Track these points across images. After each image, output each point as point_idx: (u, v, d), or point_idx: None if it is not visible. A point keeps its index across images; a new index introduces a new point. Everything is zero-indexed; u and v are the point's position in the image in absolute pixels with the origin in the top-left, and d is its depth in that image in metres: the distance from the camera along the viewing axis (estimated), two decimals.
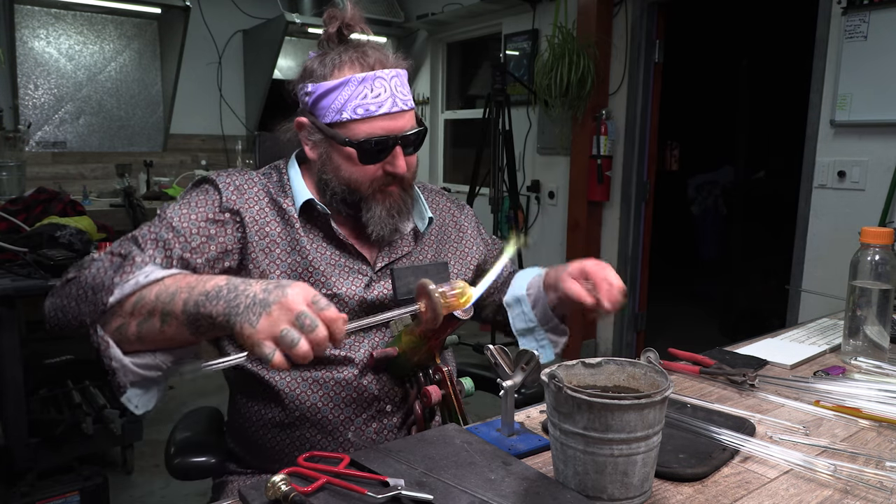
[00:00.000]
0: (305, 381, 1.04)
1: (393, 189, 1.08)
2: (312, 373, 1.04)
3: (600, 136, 3.60)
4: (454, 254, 1.24)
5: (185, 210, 1.03)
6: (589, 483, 0.70)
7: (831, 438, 0.91)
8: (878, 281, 1.18)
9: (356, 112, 1.01)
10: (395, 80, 1.04)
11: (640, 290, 3.84)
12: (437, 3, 4.56)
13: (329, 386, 1.04)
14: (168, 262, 0.97)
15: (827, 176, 2.75)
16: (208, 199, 1.05)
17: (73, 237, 2.28)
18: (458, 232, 1.26)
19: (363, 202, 1.07)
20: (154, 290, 0.85)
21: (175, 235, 0.99)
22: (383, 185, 1.07)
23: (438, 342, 0.98)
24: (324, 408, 1.04)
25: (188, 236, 1.00)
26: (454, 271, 1.22)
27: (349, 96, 1.02)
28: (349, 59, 1.03)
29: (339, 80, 1.02)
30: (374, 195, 1.07)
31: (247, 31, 4.73)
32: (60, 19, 4.11)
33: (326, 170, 1.08)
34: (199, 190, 1.07)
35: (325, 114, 1.04)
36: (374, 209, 1.07)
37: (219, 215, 1.03)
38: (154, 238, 0.98)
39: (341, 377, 1.04)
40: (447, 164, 5.16)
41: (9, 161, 3.51)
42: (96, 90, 4.29)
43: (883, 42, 2.50)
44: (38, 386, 2.50)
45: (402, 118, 1.04)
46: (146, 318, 0.85)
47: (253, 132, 4.79)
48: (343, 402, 1.04)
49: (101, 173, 4.32)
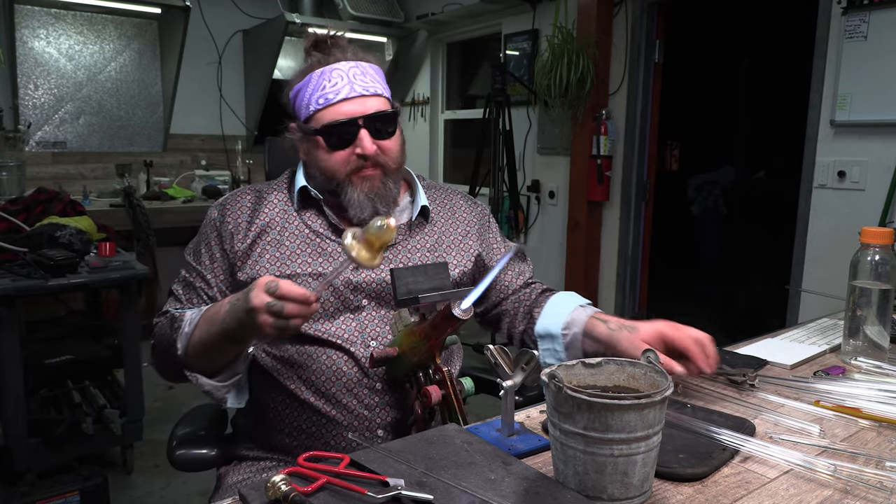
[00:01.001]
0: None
1: (371, 174, 1.13)
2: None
3: (600, 136, 3.60)
4: (454, 249, 1.23)
5: (197, 246, 1.19)
6: (589, 483, 0.70)
7: (831, 438, 0.91)
8: (878, 281, 1.18)
9: (318, 103, 1.11)
10: (354, 70, 1.12)
11: (640, 290, 3.84)
12: (437, 3, 4.56)
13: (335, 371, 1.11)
14: (206, 300, 1.15)
15: (827, 176, 2.75)
16: (208, 227, 1.18)
17: (73, 237, 2.28)
18: (464, 228, 1.27)
19: (340, 187, 1.13)
20: (197, 332, 1.05)
21: (199, 278, 1.16)
22: (357, 169, 1.12)
23: (438, 342, 0.98)
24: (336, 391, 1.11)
25: (207, 276, 1.16)
26: (453, 264, 1.22)
27: (312, 90, 1.11)
28: (315, 61, 1.14)
29: (304, 79, 1.12)
30: (349, 179, 1.13)
31: (247, 31, 4.73)
32: (60, 19, 4.11)
33: (310, 164, 1.17)
34: (203, 224, 1.20)
35: (299, 112, 1.15)
36: (352, 193, 1.13)
37: (216, 240, 1.16)
38: (191, 287, 1.17)
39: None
40: (447, 164, 5.16)
41: (9, 161, 3.51)
42: (96, 90, 4.29)
43: (883, 42, 2.50)
44: (38, 386, 2.50)
45: (362, 102, 1.11)
46: (206, 350, 1.05)
47: (253, 132, 4.79)
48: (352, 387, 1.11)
49: (101, 173, 4.32)
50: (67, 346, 2.83)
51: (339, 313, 1.12)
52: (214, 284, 1.15)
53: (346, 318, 1.12)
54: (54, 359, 2.61)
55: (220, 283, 1.16)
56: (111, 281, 2.27)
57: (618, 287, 3.79)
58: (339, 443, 1.09)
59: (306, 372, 1.09)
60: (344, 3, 4.46)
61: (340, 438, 1.09)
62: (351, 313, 1.12)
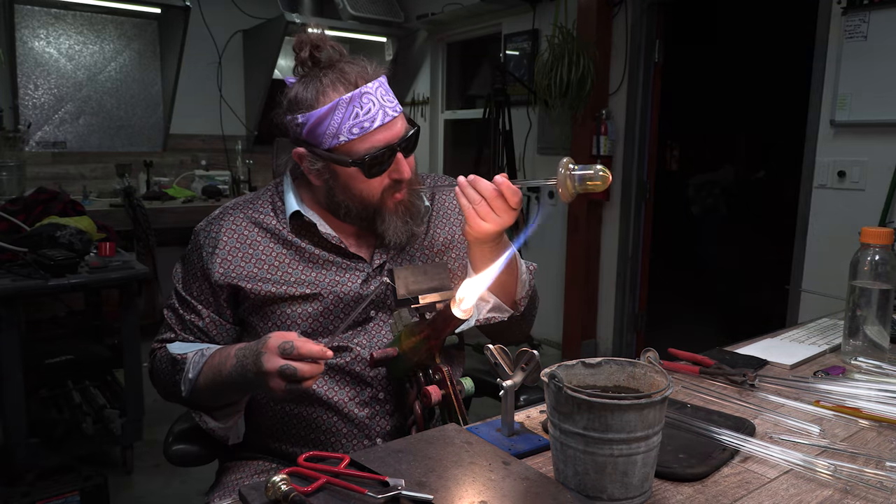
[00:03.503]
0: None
1: (401, 196, 1.10)
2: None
3: (600, 136, 3.60)
4: (453, 240, 1.23)
5: (185, 276, 1.15)
6: (589, 483, 0.70)
7: (831, 438, 0.91)
8: (878, 281, 1.18)
9: (352, 132, 1.04)
10: (380, 90, 1.06)
11: (640, 290, 3.84)
12: (437, 3, 4.56)
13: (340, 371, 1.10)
14: (199, 332, 1.13)
15: (827, 176, 2.75)
16: (194, 255, 1.14)
17: (73, 237, 2.28)
18: (457, 216, 1.26)
19: (377, 214, 1.10)
20: (202, 380, 1.04)
21: (189, 311, 1.13)
22: (392, 192, 1.10)
23: (438, 342, 0.98)
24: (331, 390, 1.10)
25: (198, 306, 1.13)
26: (452, 256, 1.22)
27: (342, 119, 1.03)
28: (330, 81, 1.05)
29: (327, 105, 1.03)
30: (386, 204, 1.10)
31: (247, 31, 4.72)
32: (60, 19, 4.11)
33: (336, 192, 1.10)
34: (189, 249, 1.16)
35: (322, 140, 1.06)
36: (390, 220, 1.10)
37: (201, 270, 1.12)
38: (177, 318, 1.14)
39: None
40: (447, 164, 5.16)
41: (9, 161, 3.51)
42: (96, 90, 4.29)
43: (883, 42, 2.50)
44: (38, 386, 2.50)
45: (395, 125, 1.07)
46: (213, 395, 1.06)
47: (253, 132, 4.79)
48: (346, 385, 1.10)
49: (101, 173, 4.32)
50: (67, 346, 2.83)
51: (348, 327, 1.11)
52: (206, 315, 1.12)
53: (356, 332, 1.12)
54: (54, 359, 2.61)
55: (213, 312, 1.12)
56: (111, 281, 2.28)
57: (618, 287, 3.79)
58: (336, 450, 1.09)
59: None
60: (344, 3, 4.46)
61: (339, 446, 1.09)
62: (359, 325, 1.12)
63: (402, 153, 1.08)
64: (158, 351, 1.14)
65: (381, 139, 1.05)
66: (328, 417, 1.09)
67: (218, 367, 1.01)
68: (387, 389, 1.10)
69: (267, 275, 1.09)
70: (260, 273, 1.09)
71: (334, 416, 1.09)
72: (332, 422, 1.09)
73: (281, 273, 1.10)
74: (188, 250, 1.15)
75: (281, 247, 1.12)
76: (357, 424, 1.09)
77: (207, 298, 1.12)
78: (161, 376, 1.13)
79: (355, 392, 1.09)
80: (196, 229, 1.16)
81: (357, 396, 1.09)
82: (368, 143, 1.04)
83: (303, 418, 1.10)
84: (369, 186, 1.08)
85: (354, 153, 1.05)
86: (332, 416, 1.09)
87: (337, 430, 1.09)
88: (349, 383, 1.10)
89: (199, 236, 1.14)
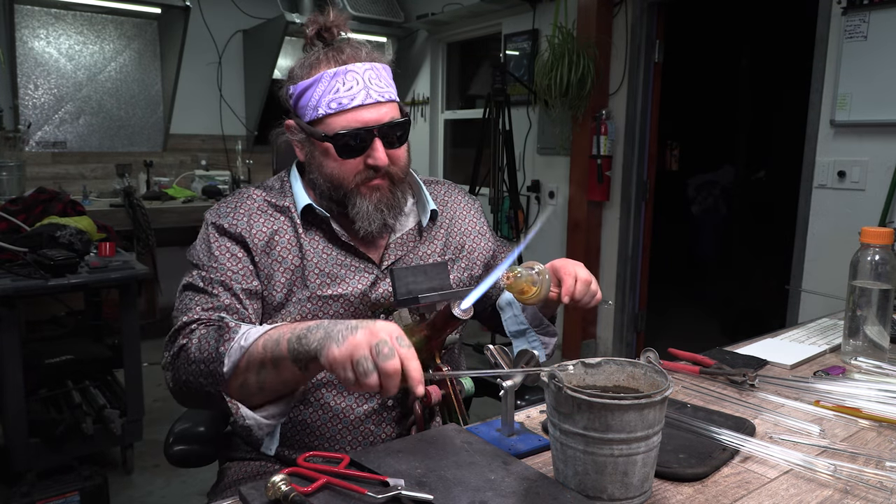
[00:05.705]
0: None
1: (379, 183, 1.08)
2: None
3: (600, 136, 3.60)
4: (463, 249, 1.22)
5: (208, 249, 1.07)
6: (589, 483, 0.70)
7: (831, 438, 0.91)
8: (878, 281, 1.18)
9: (330, 106, 1.03)
10: (369, 72, 1.05)
11: (639, 289, 3.84)
12: (437, 3, 4.56)
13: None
14: (237, 299, 1.03)
15: (827, 176, 2.75)
16: (211, 235, 1.08)
17: (73, 237, 2.28)
18: (468, 226, 1.25)
19: (347, 197, 1.08)
20: (260, 343, 0.88)
21: (224, 273, 1.04)
22: (366, 180, 1.07)
23: (438, 342, 0.98)
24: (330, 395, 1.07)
25: (234, 271, 1.05)
26: (462, 266, 1.21)
27: (323, 91, 1.03)
28: (324, 56, 1.06)
29: (312, 77, 1.04)
30: (357, 189, 1.07)
31: (247, 31, 4.72)
32: (60, 19, 4.11)
33: (312, 168, 1.10)
34: (204, 233, 1.10)
35: (304, 112, 1.06)
36: (360, 204, 1.07)
37: (228, 242, 1.07)
38: (212, 283, 1.03)
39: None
40: (447, 164, 5.16)
41: (9, 161, 3.51)
42: (96, 90, 4.29)
43: (883, 42, 2.50)
44: (38, 386, 2.50)
45: (377, 110, 1.05)
46: (259, 368, 0.88)
47: (253, 132, 4.79)
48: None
49: (101, 173, 4.32)
50: (67, 346, 2.83)
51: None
52: (240, 291, 1.04)
53: None
54: (54, 359, 2.61)
55: (244, 289, 1.04)
56: (111, 281, 2.27)
57: (618, 287, 3.79)
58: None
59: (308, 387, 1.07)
60: (344, 3, 4.46)
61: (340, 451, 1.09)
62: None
63: (382, 140, 1.05)
64: (197, 327, 0.98)
65: (359, 119, 1.03)
66: (333, 425, 1.07)
67: (293, 327, 0.87)
68: (394, 396, 1.08)
69: (282, 277, 1.07)
70: (276, 268, 1.07)
71: (338, 424, 1.07)
72: (336, 429, 1.07)
73: (296, 276, 1.07)
74: (206, 231, 1.09)
75: (297, 249, 1.09)
76: (362, 432, 1.07)
77: (242, 270, 1.06)
78: (198, 353, 0.94)
79: (363, 399, 1.07)
80: (206, 217, 1.12)
81: (365, 403, 1.07)
82: (344, 120, 1.03)
83: (307, 425, 1.08)
84: (341, 168, 1.06)
85: (329, 129, 1.03)
86: (337, 424, 1.07)
87: (341, 437, 1.07)
88: (352, 395, 1.07)
89: (214, 215, 1.10)
